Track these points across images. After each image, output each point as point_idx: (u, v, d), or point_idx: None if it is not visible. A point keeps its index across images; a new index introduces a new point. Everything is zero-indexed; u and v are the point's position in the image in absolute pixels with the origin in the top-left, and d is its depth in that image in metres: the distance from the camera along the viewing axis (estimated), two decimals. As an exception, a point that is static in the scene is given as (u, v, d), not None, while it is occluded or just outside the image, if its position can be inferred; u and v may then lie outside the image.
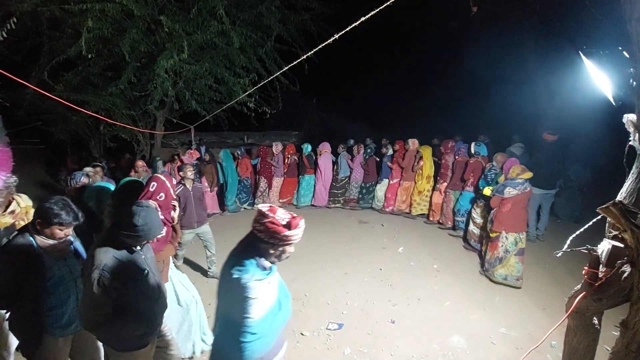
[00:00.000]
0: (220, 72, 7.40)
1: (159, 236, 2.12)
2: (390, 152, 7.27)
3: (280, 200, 7.75)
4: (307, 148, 7.71)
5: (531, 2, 7.54)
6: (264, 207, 1.65)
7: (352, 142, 7.77)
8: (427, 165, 6.70)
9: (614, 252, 1.71)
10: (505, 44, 8.79)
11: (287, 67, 3.72)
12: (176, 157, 7.29)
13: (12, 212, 2.55)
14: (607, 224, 1.85)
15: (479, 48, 9.75)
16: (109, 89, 6.80)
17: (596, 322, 1.85)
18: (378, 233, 6.14)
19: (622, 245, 1.67)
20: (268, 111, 8.17)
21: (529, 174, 4.35)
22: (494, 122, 7.65)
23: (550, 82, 7.85)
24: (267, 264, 1.66)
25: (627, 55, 1.75)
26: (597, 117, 5.68)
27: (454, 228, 6.12)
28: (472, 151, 5.70)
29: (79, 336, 2.21)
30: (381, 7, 2.15)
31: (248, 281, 1.55)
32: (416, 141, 6.80)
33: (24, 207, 2.65)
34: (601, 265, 1.78)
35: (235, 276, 1.56)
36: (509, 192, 4.31)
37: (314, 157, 7.72)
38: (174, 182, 3.05)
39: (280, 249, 1.63)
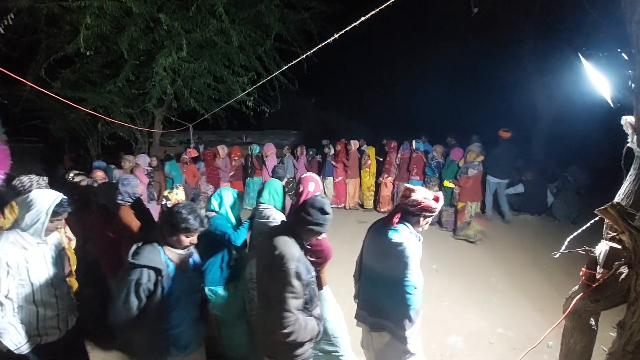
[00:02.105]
0: (219, 70, 7.38)
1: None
2: (332, 152, 7.89)
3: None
4: (256, 149, 7.80)
5: (531, 3, 7.55)
6: (410, 186, 2.04)
7: (327, 142, 8.11)
8: (373, 164, 7.64)
9: (611, 254, 1.71)
10: (504, 45, 8.81)
11: (286, 67, 3.71)
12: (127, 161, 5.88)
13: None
14: (604, 226, 1.86)
15: (478, 49, 9.77)
16: (107, 87, 6.77)
17: (593, 323, 1.85)
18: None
19: (619, 247, 1.68)
20: (267, 110, 8.15)
21: (481, 157, 5.94)
22: (490, 122, 7.68)
23: (549, 84, 7.87)
24: (415, 231, 2.02)
25: (625, 58, 1.75)
26: (596, 118, 5.72)
27: None
28: (414, 147, 6.99)
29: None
30: (381, 7, 2.14)
31: (407, 245, 1.91)
32: (357, 142, 7.72)
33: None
34: (599, 267, 1.78)
35: (395, 240, 1.92)
36: (471, 172, 5.83)
37: (262, 158, 7.73)
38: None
39: (428, 218, 2.04)
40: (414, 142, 7.08)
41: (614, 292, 1.67)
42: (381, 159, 7.76)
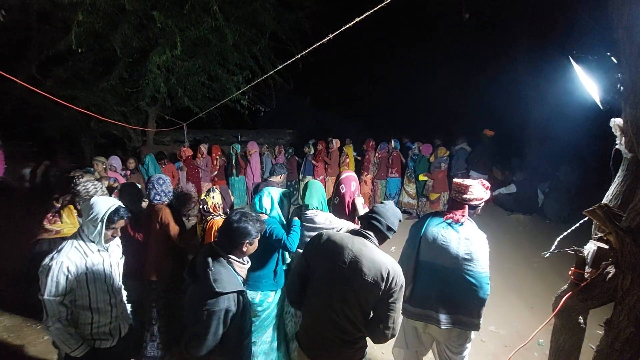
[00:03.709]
0: (213, 69, 7.33)
1: None
2: (312, 151, 7.97)
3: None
4: (239, 147, 7.75)
5: (523, 6, 7.63)
6: (464, 182, 2.13)
7: (312, 141, 8.17)
8: (351, 162, 7.90)
9: (599, 254, 1.75)
10: (497, 47, 8.88)
11: (281, 66, 3.70)
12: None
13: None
14: (593, 226, 1.90)
15: (471, 50, 9.85)
16: (99, 85, 6.70)
17: (582, 321, 1.89)
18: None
19: (607, 247, 1.72)
20: (262, 109, 8.13)
21: (447, 152, 6.86)
22: (483, 122, 7.78)
23: (541, 86, 7.96)
24: None
25: (615, 61, 1.78)
26: (586, 120, 5.79)
27: None
28: (392, 146, 7.39)
29: None
30: (376, 9, 2.16)
31: (483, 238, 2.07)
32: (338, 141, 7.83)
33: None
34: (587, 266, 1.82)
35: (472, 236, 2.05)
36: (443, 166, 6.65)
37: (246, 157, 7.67)
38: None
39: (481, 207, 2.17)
40: (392, 141, 7.46)
41: (601, 291, 1.71)
42: (359, 158, 8.06)
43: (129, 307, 2.23)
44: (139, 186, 3.33)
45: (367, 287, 1.63)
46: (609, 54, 1.84)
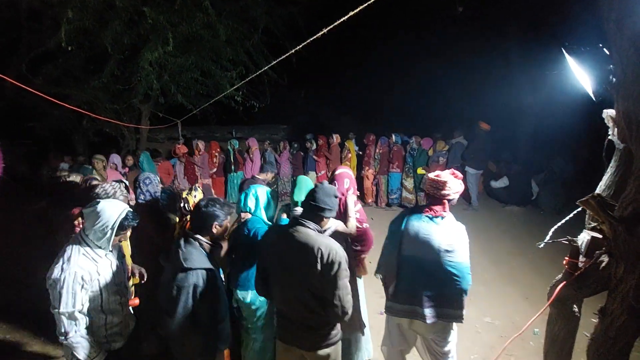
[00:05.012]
0: (206, 65, 7.28)
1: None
2: (314, 146, 7.95)
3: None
4: (237, 143, 7.76)
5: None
6: (438, 178, 2.11)
7: (311, 136, 8.10)
8: (353, 157, 7.92)
9: (593, 243, 1.77)
10: (490, 39, 8.89)
11: (275, 62, 3.68)
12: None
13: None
14: (587, 216, 1.92)
15: (464, 43, 9.85)
16: (91, 83, 6.61)
17: (576, 310, 1.92)
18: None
19: (600, 237, 1.74)
20: (256, 105, 8.09)
21: (446, 146, 7.02)
22: (476, 115, 7.81)
23: (534, 77, 8.00)
24: None
25: (607, 52, 1.79)
26: (579, 111, 5.84)
27: (388, 205, 7.56)
28: (393, 140, 7.34)
29: None
30: (369, 2, 2.14)
31: (462, 230, 2.09)
32: (338, 136, 7.82)
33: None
34: (581, 256, 1.85)
35: (452, 229, 2.06)
36: (442, 160, 6.77)
37: (245, 153, 7.68)
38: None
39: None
40: (393, 135, 7.41)
41: (595, 279, 1.73)
42: (361, 153, 8.01)
43: None
44: (126, 183, 3.28)
45: (307, 271, 1.73)
46: (601, 45, 1.85)
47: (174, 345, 1.93)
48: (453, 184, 2.11)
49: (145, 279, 2.43)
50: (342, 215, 2.49)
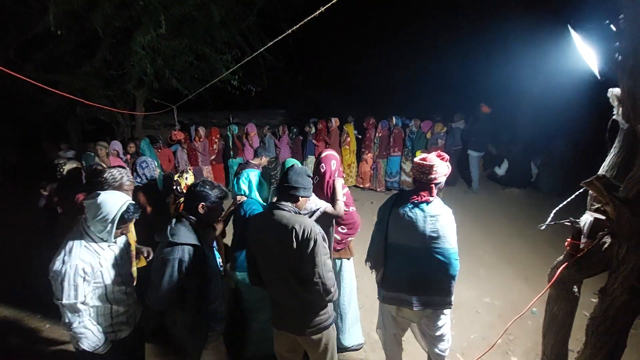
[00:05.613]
0: (201, 48, 7.09)
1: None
2: (314, 130, 7.90)
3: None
4: (236, 129, 7.70)
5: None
6: (425, 162, 2.04)
7: (315, 120, 8.06)
8: (352, 141, 7.80)
9: (595, 224, 1.77)
10: (490, 19, 8.70)
11: (271, 43, 3.57)
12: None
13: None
14: (589, 198, 1.91)
15: (464, 23, 9.64)
16: (83, 68, 6.45)
17: (576, 290, 1.93)
18: (367, 211, 6.21)
19: (603, 218, 1.73)
20: (252, 89, 7.95)
21: (444, 128, 6.89)
22: (477, 97, 7.71)
23: (536, 56, 7.86)
24: None
25: (614, 29, 1.74)
26: (580, 93, 5.76)
27: (387, 189, 7.55)
28: (394, 123, 7.29)
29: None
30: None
31: (449, 214, 2.06)
32: (337, 120, 7.72)
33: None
34: (583, 237, 1.84)
35: (439, 213, 2.02)
36: (440, 142, 6.74)
37: (244, 138, 7.61)
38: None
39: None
40: (393, 118, 7.35)
41: (597, 260, 1.74)
42: (360, 137, 7.95)
43: None
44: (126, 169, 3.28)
45: (285, 251, 1.75)
46: (607, 21, 1.80)
47: (167, 322, 2.01)
48: (440, 167, 2.05)
49: (151, 257, 2.52)
50: (330, 198, 2.50)
